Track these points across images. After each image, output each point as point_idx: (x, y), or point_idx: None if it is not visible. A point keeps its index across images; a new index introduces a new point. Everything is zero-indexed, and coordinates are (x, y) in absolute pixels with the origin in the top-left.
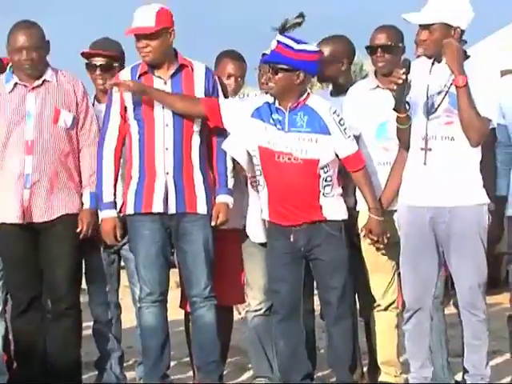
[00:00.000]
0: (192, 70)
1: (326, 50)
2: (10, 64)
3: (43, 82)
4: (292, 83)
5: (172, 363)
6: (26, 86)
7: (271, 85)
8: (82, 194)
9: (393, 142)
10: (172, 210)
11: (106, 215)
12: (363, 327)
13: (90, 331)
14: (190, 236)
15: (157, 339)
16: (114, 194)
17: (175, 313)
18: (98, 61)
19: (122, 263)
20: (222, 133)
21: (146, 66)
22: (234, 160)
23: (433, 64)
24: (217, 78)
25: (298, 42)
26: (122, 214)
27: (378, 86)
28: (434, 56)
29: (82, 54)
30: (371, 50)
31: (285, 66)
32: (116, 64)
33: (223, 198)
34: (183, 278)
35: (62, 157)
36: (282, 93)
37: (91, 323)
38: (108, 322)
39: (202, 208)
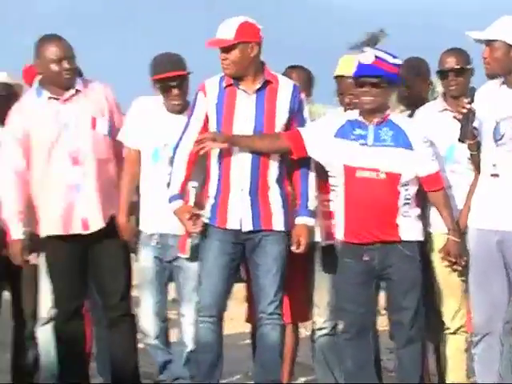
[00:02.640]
0: (278, 85)
1: (413, 72)
2: (37, 79)
3: (75, 91)
4: (387, 98)
5: (237, 376)
6: (58, 98)
7: (367, 99)
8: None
9: (460, 166)
10: (247, 227)
11: (177, 205)
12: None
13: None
14: (263, 249)
15: (209, 354)
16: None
17: (242, 326)
18: (173, 81)
19: None
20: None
21: (231, 79)
22: None
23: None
24: (303, 96)
25: (392, 56)
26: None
27: (446, 109)
28: (493, 74)
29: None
30: (442, 74)
31: (384, 80)
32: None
33: (302, 220)
34: (253, 292)
35: (104, 163)
36: (376, 107)
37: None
38: (159, 335)
39: (278, 225)
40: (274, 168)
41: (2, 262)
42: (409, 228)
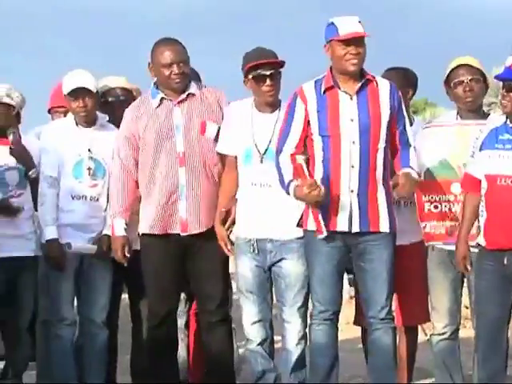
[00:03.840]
0: (377, 85)
1: None
2: (154, 81)
3: (188, 95)
4: None
5: (355, 380)
6: (171, 100)
7: (504, 102)
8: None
9: None
10: (355, 228)
11: (293, 187)
12: None
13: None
14: (371, 255)
15: (325, 357)
16: None
17: (359, 330)
18: (267, 70)
19: None
20: (406, 145)
21: (331, 81)
22: None
23: None
24: (400, 93)
25: None
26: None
27: None
28: None
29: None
30: None
31: None
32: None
33: (406, 169)
34: (361, 297)
35: (210, 168)
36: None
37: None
38: (262, 342)
39: (384, 226)
40: (380, 168)
41: (120, 266)
42: None
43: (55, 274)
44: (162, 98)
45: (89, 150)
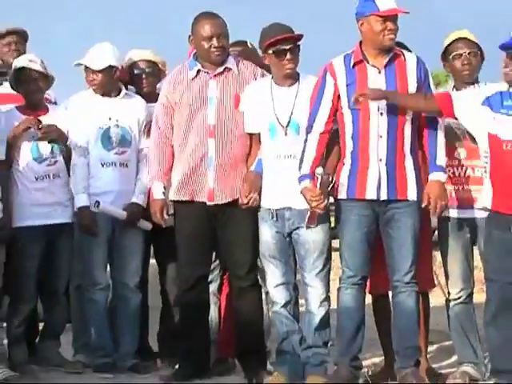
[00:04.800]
0: (404, 59)
1: None
2: (193, 52)
3: (225, 69)
4: None
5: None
6: (208, 72)
7: (506, 70)
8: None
9: None
10: (383, 196)
11: (304, 185)
12: None
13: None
14: (398, 222)
15: (352, 320)
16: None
17: None
18: (287, 45)
19: None
20: (433, 120)
21: (360, 55)
22: None
23: None
24: (427, 67)
25: None
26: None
27: None
28: None
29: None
30: None
31: None
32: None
33: (432, 176)
34: (387, 262)
35: (239, 140)
36: None
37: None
38: (287, 304)
39: (412, 194)
40: (408, 138)
41: (145, 231)
42: None
43: (89, 241)
44: (199, 70)
45: (110, 119)
